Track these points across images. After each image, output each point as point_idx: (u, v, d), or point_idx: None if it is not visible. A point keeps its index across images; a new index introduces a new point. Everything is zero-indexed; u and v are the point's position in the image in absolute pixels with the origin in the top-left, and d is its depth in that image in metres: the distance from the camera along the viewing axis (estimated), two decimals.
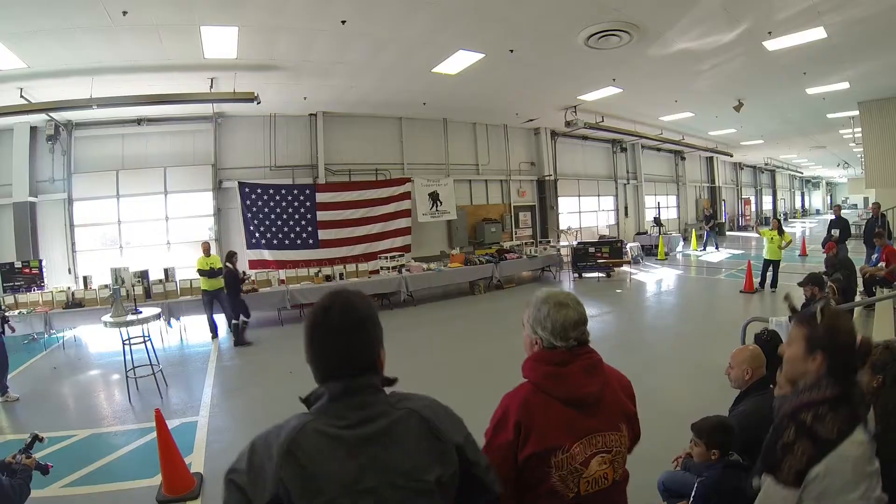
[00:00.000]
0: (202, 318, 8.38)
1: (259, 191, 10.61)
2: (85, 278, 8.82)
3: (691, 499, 2.26)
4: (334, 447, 0.97)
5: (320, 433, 0.99)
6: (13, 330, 6.02)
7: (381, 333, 1.12)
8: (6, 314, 5.79)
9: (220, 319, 8.31)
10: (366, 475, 0.97)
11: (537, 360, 1.42)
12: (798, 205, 40.08)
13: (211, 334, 8.18)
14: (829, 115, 13.81)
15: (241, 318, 7.85)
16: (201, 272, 8.05)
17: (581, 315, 1.41)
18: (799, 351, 1.48)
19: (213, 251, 10.55)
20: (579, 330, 1.40)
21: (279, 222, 10.78)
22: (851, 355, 1.45)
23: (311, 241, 10.98)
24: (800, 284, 5.28)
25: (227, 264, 7.90)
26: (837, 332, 1.44)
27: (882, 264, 7.33)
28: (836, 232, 10.15)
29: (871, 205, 11.60)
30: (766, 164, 28.92)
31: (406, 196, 12.12)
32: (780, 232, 9.64)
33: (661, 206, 20.38)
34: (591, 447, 1.36)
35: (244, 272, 8.56)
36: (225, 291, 7.91)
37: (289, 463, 0.94)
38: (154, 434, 3.54)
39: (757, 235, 19.75)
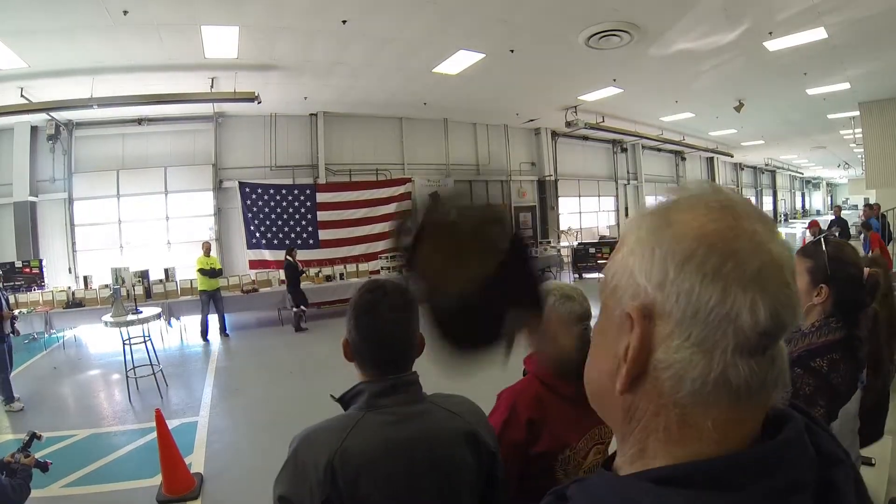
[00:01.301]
0: (210, 318, 8.32)
1: (259, 191, 10.61)
2: (85, 278, 8.83)
3: None
4: (383, 453, 0.99)
5: (370, 438, 1.00)
6: (17, 333, 5.97)
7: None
8: (14, 314, 5.71)
9: (213, 320, 8.31)
10: (413, 481, 1.00)
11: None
12: (798, 205, 40.08)
13: (202, 336, 8.10)
14: (830, 116, 13.79)
15: (301, 306, 8.46)
16: (202, 272, 8.05)
17: (586, 310, 1.40)
18: (802, 285, 1.34)
19: (214, 251, 10.57)
20: (583, 324, 1.39)
21: (279, 222, 10.78)
22: (859, 289, 1.34)
23: (311, 241, 10.98)
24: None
25: (288, 258, 8.48)
26: (843, 263, 1.33)
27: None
28: (836, 232, 10.16)
29: (863, 207, 11.44)
30: (766, 165, 28.88)
31: (407, 196, 12.09)
32: None
33: None
34: (591, 441, 1.37)
35: (302, 267, 8.92)
36: (287, 284, 8.63)
37: (341, 470, 0.96)
38: (154, 434, 3.54)
39: None
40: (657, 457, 0.42)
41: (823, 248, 1.34)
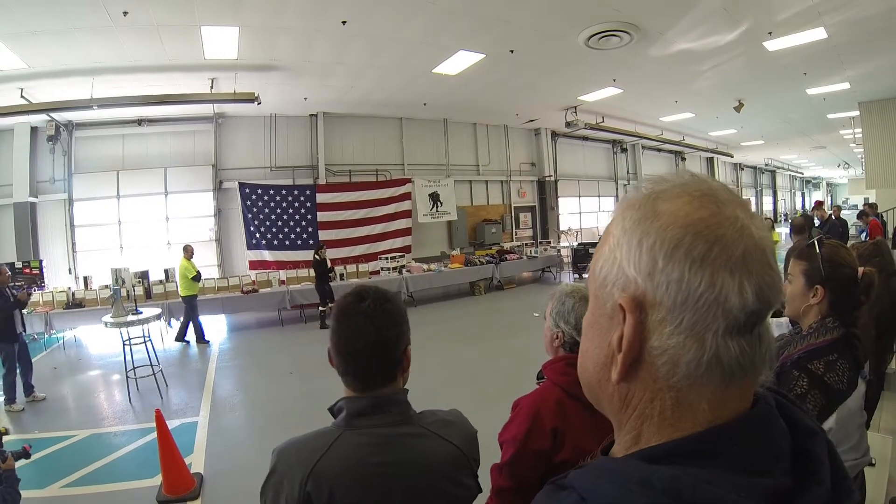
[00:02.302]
0: (202, 320, 8.28)
1: (259, 191, 10.61)
2: (85, 278, 8.83)
3: None
4: (357, 478, 0.96)
5: (344, 460, 0.96)
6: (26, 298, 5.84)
7: (409, 331, 1.09)
8: (29, 292, 5.54)
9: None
10: None
11: (570, 364, 1.34)
12: (798, 205, 40.07)
13: (200, 339, 8.00)
14: (830, 116, 13.79)
15: (329, 304, 8.40)
16: (195, 278, 7.88)
17: None
18: (798, 287, 1.39)
19: (214, 251, 10.57)
20: None
21: (279, 223, 10.78)
22: (854, 289, 1.36)
23: (311, 242, 10.98)
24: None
25: (316, 255, 8.59)
26: (837, 264, 1.36)
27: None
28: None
29: (858, 215, 11.31)
30: (766, 165, 28.89)
31: (406, 196, 12.12)
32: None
33: None
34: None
35: (331, 265, 9.01)
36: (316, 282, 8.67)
37: (315, 493, 0.93)
38: (154, 434, 3.54)
39: None
40: (651, 441, 0.44)
41: (817, 250, 1.37)
